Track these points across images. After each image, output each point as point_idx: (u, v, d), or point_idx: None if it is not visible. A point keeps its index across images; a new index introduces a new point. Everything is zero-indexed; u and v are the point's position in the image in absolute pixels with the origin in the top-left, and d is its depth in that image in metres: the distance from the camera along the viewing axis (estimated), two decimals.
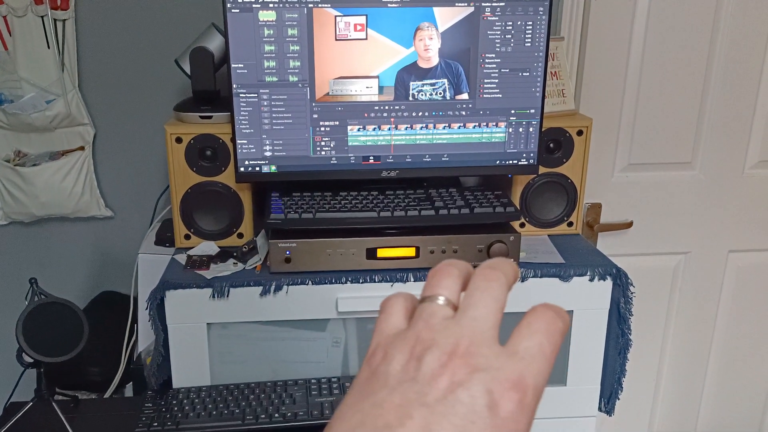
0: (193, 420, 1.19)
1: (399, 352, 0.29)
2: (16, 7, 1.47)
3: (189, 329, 1.25)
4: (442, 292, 0.31)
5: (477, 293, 0.30)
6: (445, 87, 1.23)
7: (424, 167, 1.28)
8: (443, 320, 0.29)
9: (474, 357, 0.27)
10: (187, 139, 1.28)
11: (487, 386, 0.26)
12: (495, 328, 0.29)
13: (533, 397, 0.27)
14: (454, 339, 0.28)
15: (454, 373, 0.27)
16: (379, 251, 1.23)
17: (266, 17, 1.16)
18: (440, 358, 0.27)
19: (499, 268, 0.31)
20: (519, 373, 0.27)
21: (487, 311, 0.29)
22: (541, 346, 0.29)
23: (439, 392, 0.26)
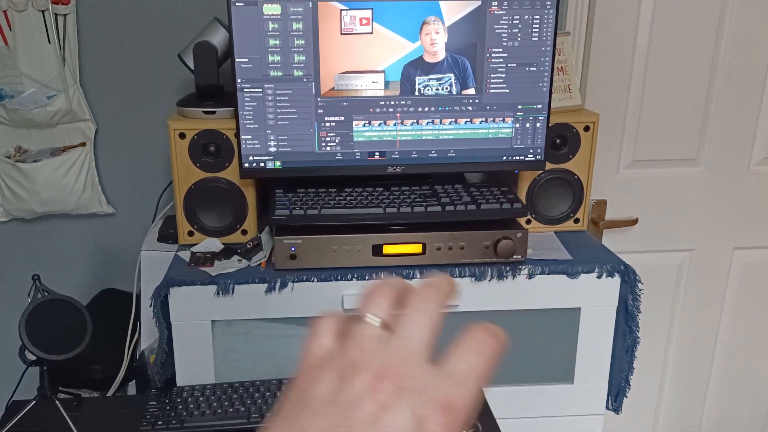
0: (197, 418, 1.18)
1: (327, 374, 0.28)
2: (16, 2, 1.45)
3: (193, 327, 1.24)
4: (376, 311, 0.30)
5: (411, 313, 0.29)
6: (451, 82, 1.21)
7: (430, 163, 1.27)
8: (375, 341, 0.28)
9: (403, 379, 0.27)
10: (191, 134, 1.27)
11: (414, 410, 0.26)
12: (427, 348, 0.28)
13: (459, 420, 0.27)
14: (383, 361, 0.27)
15: (382, 397, 0.26)
16: (385, 248, 1.22)
17: (271, 11, 1.15)
18: (368, 381, 0.26)
19: (435, 287, 0.31)
20: (449, 396, 0.27)
21: (420, 332, 0.29)
22: (473, 367, 0.28)
23: (365, 416, 0.26)
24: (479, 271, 1.23)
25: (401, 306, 0.31)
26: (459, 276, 1.23)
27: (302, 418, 0.27)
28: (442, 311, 0.30)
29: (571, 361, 1.33)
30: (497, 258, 1.23)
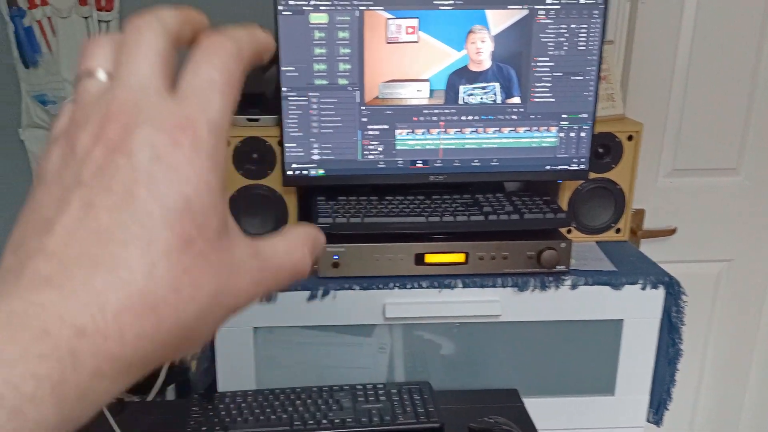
0: (240, 425, 1.18)
1: (56, 147, 0.25)
2: (60, 8, 1.47)
3: (235, 333, 1.24)
4: (94, 63, 0.26)
5: (125, 48, 0.25)
6: (496, 91, 1.21)
7: (473, 172, 1.26)
8: (97, 93, 0.25)
9: (128, 114, 0.23)
10: (235, 142, 1.27)
11: (147, 139, 0.23)
12: (156, 78, 0.24)
13: (210, 133, 0.24)
14: (107, 107, 0.24)
15: (108, 140, 0.23)
16: (427, 257, 1.21)
17: (318, 20, 1.16)
18: (92, 132, 0.23)
19: (152, 14, 0.26)
20: (184, 113, 0.24)
21: (142, 62, 0.25)
22: (210, 76, 0.25)
23: (94, 166, 0.23)
24: (522, 281, 1.23)
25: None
26: (501, 286, 1.23)
27: (35, 199, 0.24)
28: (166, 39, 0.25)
29: (613, 373, 1.32)
30: (540, 268, 1.22)
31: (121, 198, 0.22)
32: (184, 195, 0.22)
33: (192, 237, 0.23)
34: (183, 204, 0.22)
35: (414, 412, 1.21)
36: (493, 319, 1.24)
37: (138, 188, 0.22)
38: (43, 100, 1.52)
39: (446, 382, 1.30)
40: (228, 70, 0.25)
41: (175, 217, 0.22)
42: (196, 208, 0.23)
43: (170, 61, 0.25)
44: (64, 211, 0.22)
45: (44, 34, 1.49)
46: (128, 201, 0.22)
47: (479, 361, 1.29)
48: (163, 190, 0.22)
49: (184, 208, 0.22)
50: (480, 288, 1.22)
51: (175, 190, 0.22)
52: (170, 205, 0.22)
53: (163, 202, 0.22)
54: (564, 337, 1.28)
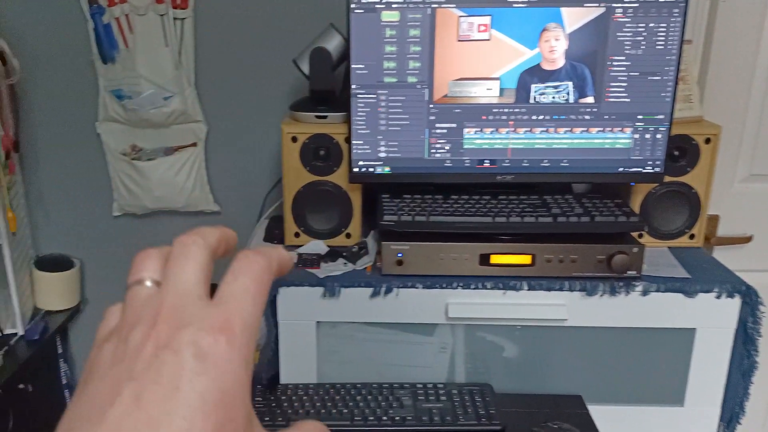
0: (302, 417, 1.20)
1: (108, 343, 0.28)
2: (138, 6, 1.52)
3: (299, 327, 1.26)
4: (144, 274, 0.30)
5: (173, 260, 0.29)
6: (569, 90, 1.18)
7: (542, 172, 1.24)
8: (146, 299, 0.29)
9: (176, 317, 0.27)
10: (302, 138, 1.29)
11: (192, 338, 0.26)
12: (199, 286, 0.29)
13: (243, 334, 0.27)
14: (156, 310, 0.27)
15: (158, 338, 0.26)
16: (493, 257, 1.20)
17: (389, 18, 1.16)
18: (144, 331, 0.27)
19: (195, 233, 0.31)
20: (224, 316, 0.27)
21: (187, 273, 0.29)
22: (245, 286, 0.29)
23: (145, 361, 0.26)
24: (591, 286, 1.20)
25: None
26: (569, 290, 1.20)
27: (89, 388, 0.26)
28: (208, 254, 0.30)
29: (683, 384, 1.27)
30: (610, 273, 1.19)
31: (167, 391, 0.25)
32: (220, 390, 0.25)
33: (224, 428, 0.25)
34: (219, 397, 0.25)
35: (475, 413, 1.20)
36: (558, 323, 1.22)
37: (182, 382, 0.25)
38: (119, 94, 1.58)
39: (508, 385, 1.29)
40: (260, 281, 0.29)
41: (211, 409, 0.25)
42: (228, 400, 0.26)
43: (209, 271, 0.30)
44: (115, 403, 0.25)
45: (122, 31, 1.54)
46: (173, 394, 0.25)
47: (543, 365, 1.27)
48: (204, 384, 0.25)
49: (219, 401, 0.25)
50: (546, 291, 1.20)
51: (213, 383, 0.25)
52: (208, 397, 0.25)
53: (203, 395, 0.25)
54: (633, 345, 1.25)
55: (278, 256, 0.32)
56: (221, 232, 0.32)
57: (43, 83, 1.61)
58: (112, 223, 1.71)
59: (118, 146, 1.63)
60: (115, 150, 1.63)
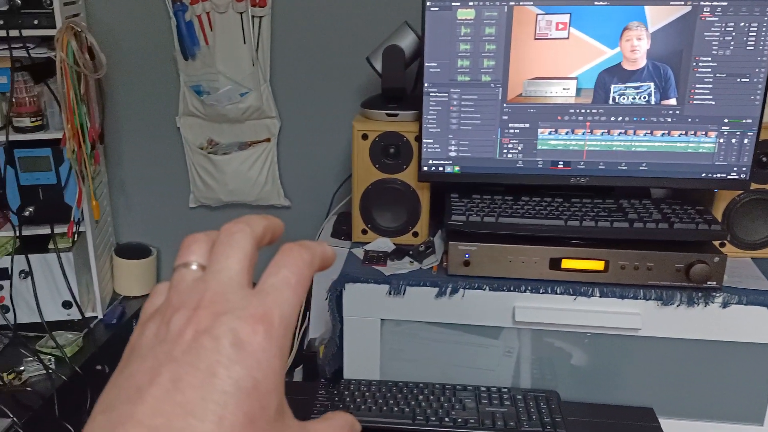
0: (364, 413, 1.20)
1: (151, 323, 0.29)
2: (219, 4, 1.56)
3: (363, 323, 1.26)
4: (191, 257, 0.31)
5: (219, 248, 0.30)
6: (650, 91, 1.14)
7: (619, 176, 1.20)
8: (191, 282, 0.29)
9: (218, 304, 0.27)
10: (373, 136, 1.29)
11: (231, 326, 0.26)
12: (242, 274, 0.29)
13: (281, 325, 0.28)
14: (199, 295, 0.28)
15: (199, 324, 0.27)
16: (564, 262, 1.17)
17: (465, 15, 1.14)
18: (186, 315, 0.27)
19: (242, 221, 0.31)
20: (264, 307, 0.27)
21: (232, 260, 0.29)
22: (286, 278, 0.29)
23: (184, 345, 0.26)
24: (667, 295, 1.15)
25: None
26: (643, 298, 1.16)
27: (130, 367, 0.27)
28: (254, 243, 0.30)
29: (763, 402, 1.20)
30: (688, 282, 1.14)
31: (204, 376, 0.25)
32: (254, 378, 0.26)
33: (255, 414, 0.26)
34: (252, 385, 0.26)
35: (540, 420, 1.17)
36: (631, 332, 1.17)
37: (218, 368, 0.25)
38: (198, 90, 1.63)
39: (575, 394, 1.25)
40: (302, 274, 0.30)
41: (244, 397, 0.25)
42: (261, 390, 0.26)
43: (254, 260, 0.30)
44: (155, 383, 0.25)
45: (203, 29, 1.59)
46: (210, 379, 0.25)
47: (612, 374, 1.23)
48: (239, 371, 0.26)
49: (252, 389, 0.26)
50: (619, 299, 1.16)
51: (248, 372, 0.26)
52: (242, 385, 0.25)
53: (237, 382, 0.25)
54: (710, 358, 1.19)
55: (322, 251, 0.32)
56: (267, 222, 0.32)
57: (127, 78, 1.68)
58: (188, 215, 1.77)
59: (196, 140, 1.69)
60: (193, 144, 1.68)
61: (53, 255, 1.53)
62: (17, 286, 1.56)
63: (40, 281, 1.55)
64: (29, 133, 1.50)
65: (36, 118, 1.50)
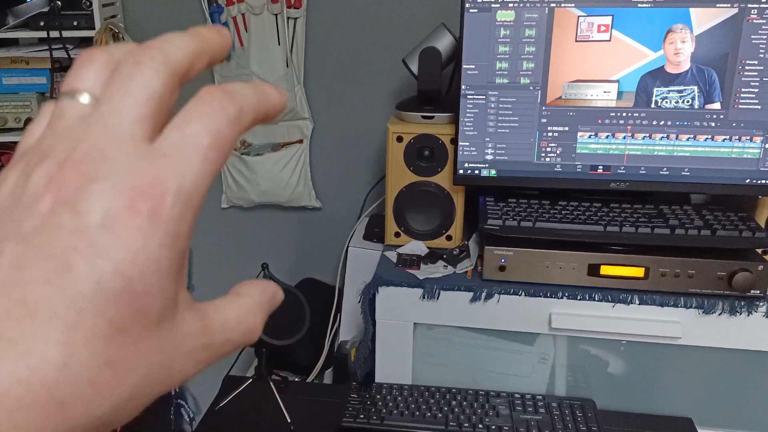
0: (396, 417, 1.19)
1: (13, 171, 0.21)
2: (254, 5, 1.56)
3: (396, 327, 1.26)
4: (81, 84, 0.23)
5: (117, 79, 0.22)
6: (694, 95, 1.11)
7: (660, 181, 1.17)
8: (73, 121, 0.22)
9: (91, 163, 0.20)
10: (408, 138, 1.29)
11: (101, 198, 0.19)
12: (138, 123, 0.21)
13: (177, 203, 0.20)
14: (75, 144, 0.20)
15: (61, 188, 0.20)
16: (603, 268, 1.15)
17: (504, 17, 1.13)
18: (50, 172, 0.20)
19: (157, 46, 0.22)
20: (154, 175, 0.20)
21: (129, 101, 0.21)
22: (196, 136, 0.21)
23: (38, 218, 0.20)
24: (708, 304, 1.12)
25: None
26: (684, 306, 1.13)
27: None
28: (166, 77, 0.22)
29: None
30: (731, 291, 1.11)
31: (55, 266, 0.19)
32: (125, 276, 0.19)
33: (125, 323, 0.20)
34: (122, 285, 0.19)
35: (575, 428, 1.15)
36: (671, 341, 1.15)
37: (76, 258, 0.19)
38: None
39: (611, 402, 1.23)
40: (220, 134, 0.22)
41: (108, 300, 0.19)
42: (137, 289, 0.20)
43: (165, 105, 0.22)
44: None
45: (238, 30, 1.60)
46: (62, 272, 0.19)
47: (650, 383, 1.20)
48: (103, 265, 0.19)
49: (122, 289, 0.19)
50: (659, 306, 1.13)
51: (116, 267, 0.19)
52: (107, 284, 0.19)
53: (100, 279, 0.19)
54: (752, 369, 1.16)
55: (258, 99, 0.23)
56: (197, 42, 0.23)
57: None
58: (220, 215, 1.78)
59: None
60: None
61: None
62: None
63: None
64: None
65: None
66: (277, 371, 1.48)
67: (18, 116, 1.49)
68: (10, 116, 1.49)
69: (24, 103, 1.49)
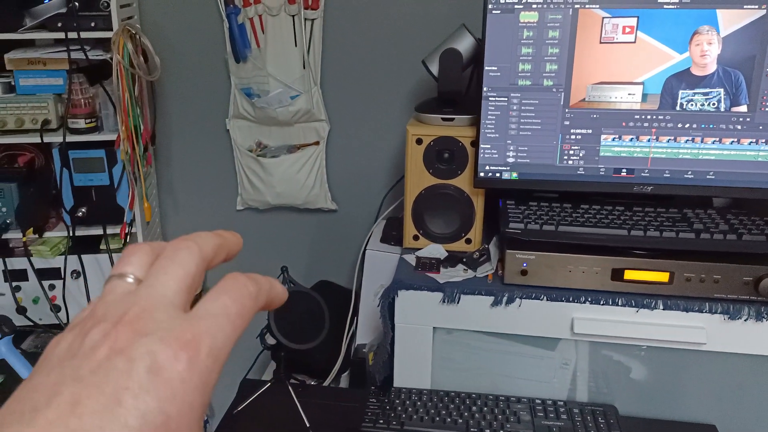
0: (416, 422, 1.18)
1: (70, 333, 0.26)
2: (271, 6, 1.56)
3: (415, 331, 1.24)
4: (128, 269, 0.28)
5: (160, 262, 0.27)
6: (720, 97, 1.10)
7: (685, 184, 1.16)
8: (122, 295, 0.27)
9: (141, 321, 0.24)
10: (427, 140, 1.27)
11: (150, 348, 0.23)
12: (179, 294, 0.26)
13: (209, 356, 0.25)
14: (125, 309, 0.25)
15: (116, 341, 0.24)
16: (627, 273, 1.13)
17: (528, 18, 1.12)
18: (105, 330, 0.24)
19: (191, 239, 0.29)
20: (193, 332, 0.25)
21: (169, 277, 0.27)
22: (225, 306, 0.27)
23: (95, 363, 0.23)
24: (734, 309, 1.11)
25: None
26: (709, 312, 1.11)
27: (33, 380, 0.24)
28: (199, 261, 0.28)
29: None
30: (757, 296, 1.09)
31: (108, 402, 0.22)
32: (165, 413, 0.23)
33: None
34: (162, 421, 0.23)
35: None
36: (695, 347, 1.13)
37: (126, 396, 0.22)
38: (248, 92, 1.63)
39: (634, 409, 1.21)
40: (243, 306, 0.27)
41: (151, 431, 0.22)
42: (173, 425, 0.23)
43: (196, 281, 0.27)
44: (52, 404, 0.22)
45: (254, 31, 1.59)
46: (113, 407, 0.22)
47: (674, 390, 1.19)
48: (149, 403, 0.23)
49: (161, 425, 0.22)
50: (684, 312, 1.12)
51: (159, 404, 0.23)
52: (149, 419, 0.22)
53: (145, 415, 0.22)
54: None
55: (270, 287, 0.30)
56: (220, 240, 0.30)
57: (178, 80, 1.69)
58: (235, 217, 1.77)
59: (245, 142, 1.69)
60: (242, 146, 1.68)
61: (105, 255, 1.55)
62: (69, 286, 1.57)
63: (92, 281, 1.57)
64: (83, 135, 1.51)
65: (90, 119, 1.51)
66: (293, 375, 1.47)
67: (35, 117, 1.49)
68: (27, 117, 1.49)
69: (41, 104, 1.49)
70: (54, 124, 1.50)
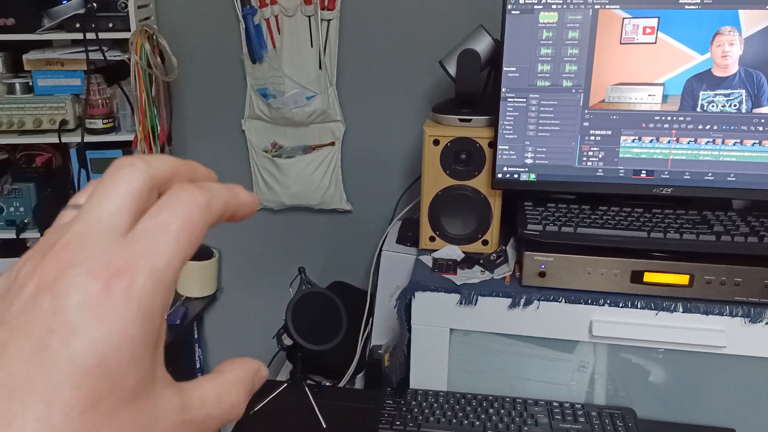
0: (433, 425, 1.18)
1: (7, 271, 0.24)
2: (287, 7, 1.56)
3: (432, 332, 1.24)
4: (81, 199, 0.25)
5: (100, 184, 0.24)
6: (741, 99, 1.09)
7: (705, 186, 1.15)
8: (61, 225, 0.24)
9: (70, 251, 0.22)
10: (445, 141, 1.27)
11: (78, 281, 0.21)
12: (119, 216, 0.23)
13: (149, 282, 0.22)
14: (57, 237, 0.22)
15: (43, 275, 0.21)
16: (646, 275, 1.13)
17: (547, 19, 1.11)
18: (33, 263, 0.22)
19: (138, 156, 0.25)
20: (127, 258, 0.22)
21: (109, 199, 0.23)
22: (165, 222, 0.23)
23: (22, 303, 0.21)
24: (755, 312, 1.09)
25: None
26: (729, 315, 1.10)
27: None
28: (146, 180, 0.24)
29: None
30: None
31: (34, 345, 0.20)
32: (99, 353, 0.21)
33: (101, 396, 0.20)
34: (96, 360, 0.20)
35: None
36: (716, 350, 1.12)
37: (53, 337, 0.20)
38: (264, 93, 1.63)
39: (652, 412, 1.20)
40: (190, 220, 0.24)
41: (84, 374, 0.20)
42: (111, 364, 0.21)
43: (143, 202, 0.24)
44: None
45: (270, 32, 1.59)
46: (40, 350, 0.20)
47: (693, 393, 1.18)
48: (78, 343, 0.20)
49: (97, 365, 0.20)
50: (704, 315, 1.11)
51: (90, 343, 0.20)
52: (82, 360, 0.20)
53: (75, 356, 0.20)
54: None
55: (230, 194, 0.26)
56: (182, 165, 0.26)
57: (194, 80, 1.69)
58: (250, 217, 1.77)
59: (261, 143, 1.69)
60: (257, 146, 1.69)
61: None
62: None
63: None
64: (101, 135, 1.52)
65: (108, 119, 1.52)
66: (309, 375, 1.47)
67: (53, 118, 1.50)
68: (45, 118, 1.50)
69: (59, 105, 1.50)
70: (72, 125, 1.51)
